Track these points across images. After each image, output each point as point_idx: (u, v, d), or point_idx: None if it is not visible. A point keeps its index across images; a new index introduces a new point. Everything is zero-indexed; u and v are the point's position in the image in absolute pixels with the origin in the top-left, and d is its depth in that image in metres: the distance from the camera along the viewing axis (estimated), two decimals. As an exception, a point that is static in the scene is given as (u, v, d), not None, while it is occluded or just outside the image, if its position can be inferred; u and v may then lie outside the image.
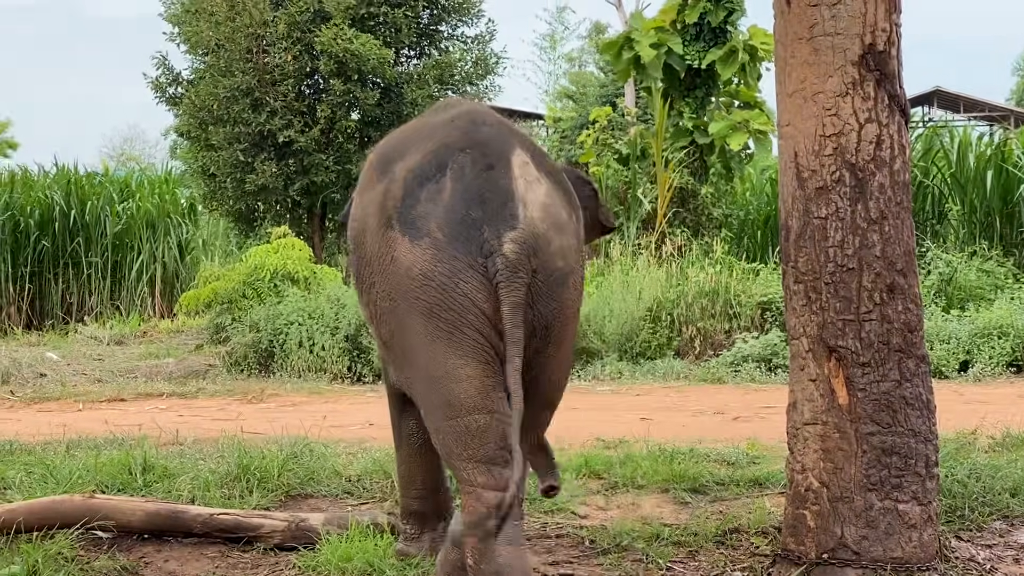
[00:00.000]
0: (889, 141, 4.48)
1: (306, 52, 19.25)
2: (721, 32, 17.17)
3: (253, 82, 19.00)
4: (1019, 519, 5.46)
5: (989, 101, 44.58)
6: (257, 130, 19.00)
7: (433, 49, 20.93)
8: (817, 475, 4.48)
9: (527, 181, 4.13)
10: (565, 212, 4.21)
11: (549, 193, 4.17)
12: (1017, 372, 12.45)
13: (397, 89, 19.71)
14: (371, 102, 19.09)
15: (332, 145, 19.38)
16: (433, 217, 4.10)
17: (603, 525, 5.58)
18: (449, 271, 4.04)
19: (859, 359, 4.43)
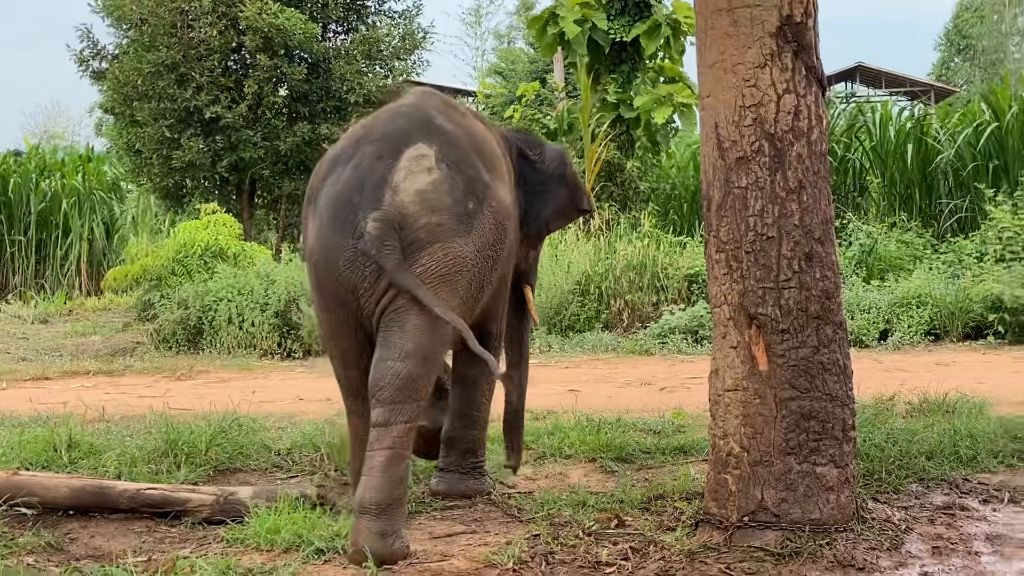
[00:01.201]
0: (807, 112, 4.56)
1: (232, 27, 19.06)
2: (645, 6, 17.23)
3: (178, 57, 18.78)
4: (934, 481, 5.59)
5: (910, 76, 45.10)
6: (183, 106, 18.80)
7: (360, 24, 20.80)
8: (738, 440, 4.57)
9: (410, 171, 4.81)
10: (451, 198, 4.83)
11: (435, 182, 4.82)
12: (935, 340, 12.68)
13: (325, 64, 19.58)
14: (299, 77, 18.96)
15: (260, 121, 19.23)
16: (325, 199, 4.90)
17: (531, 493, 5.64)
18: (327, 248, 4.83)
19: (778, 326, 4.52)
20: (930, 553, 4.49)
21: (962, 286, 13.12)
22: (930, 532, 4.75)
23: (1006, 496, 5.36)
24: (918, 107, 22.41)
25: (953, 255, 14.77)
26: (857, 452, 4.96)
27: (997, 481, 5.66)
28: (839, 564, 4.27)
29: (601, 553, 4.48)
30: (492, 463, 6.01)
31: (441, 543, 4.81)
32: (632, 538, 4.69)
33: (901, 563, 4.35)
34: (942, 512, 5.08)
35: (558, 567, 4.36)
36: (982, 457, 6.01)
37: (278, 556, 4.55)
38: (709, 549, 4.46)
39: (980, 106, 18.27)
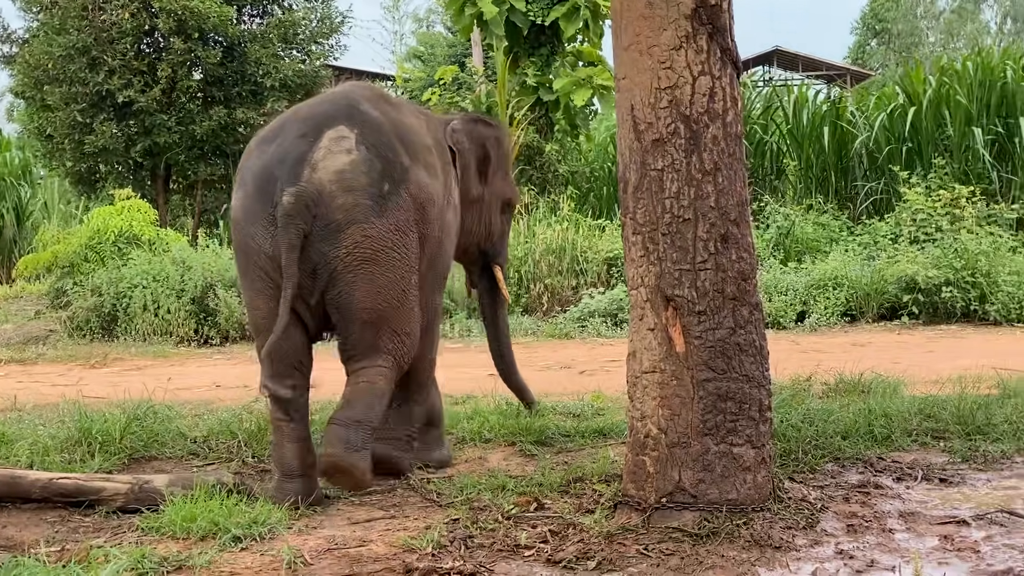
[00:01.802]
0: (722, 93, 4.57)
1: (144, 9, 18.80)
2: (565, -12, 17.23)
3: (89, 40, 18.49)
4: (849, 460, 5.66)
5: (827, 60, 45.57)
6: (95, 90, 18.51)
7: (276, 7, 20.62)
8: (656, 422, 4.58)
9: (330, 151, 5.12)
10: (368, 179, 5.11)
11: (353, 163, 5.12)
12: (851, 321, 12.84)
13: (240, 48, 19.39)
14: (213, 61, 18.75)
15: (174, 105, 18.98)
16: (250, 173, 5.22)
17: (450, 478, 5.63)
18: (248, 218, 5.14)
19: (695, 308, 4.53)
20: (845, 531, 4.54)
21: (877, 267, 13.30)
22: (845, 510, 4.80)
23: (919, 474, 5.44)
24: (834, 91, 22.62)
25: (868, 237, 14.96)
26: (774, 432, 5.00)
27: (911, 459, 5.74)
28: (756, 543, 4.30)
29: (520, 536, 4.47)
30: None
31: (360, 528, 4.78)
32: (551, 521, 4.69)
33: (816, 541, 4.39)
34: (857, 490, 5.13)
35: (477, 551, 4.34)
36: (896, 436, 6.09)
37: (194, 544, 4.49)
38: (627, 531, 4.47)
39: (895, 90, 18.49)
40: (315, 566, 4.24)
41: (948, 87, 16.86)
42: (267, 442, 5.94)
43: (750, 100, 19.27)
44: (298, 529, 4.71)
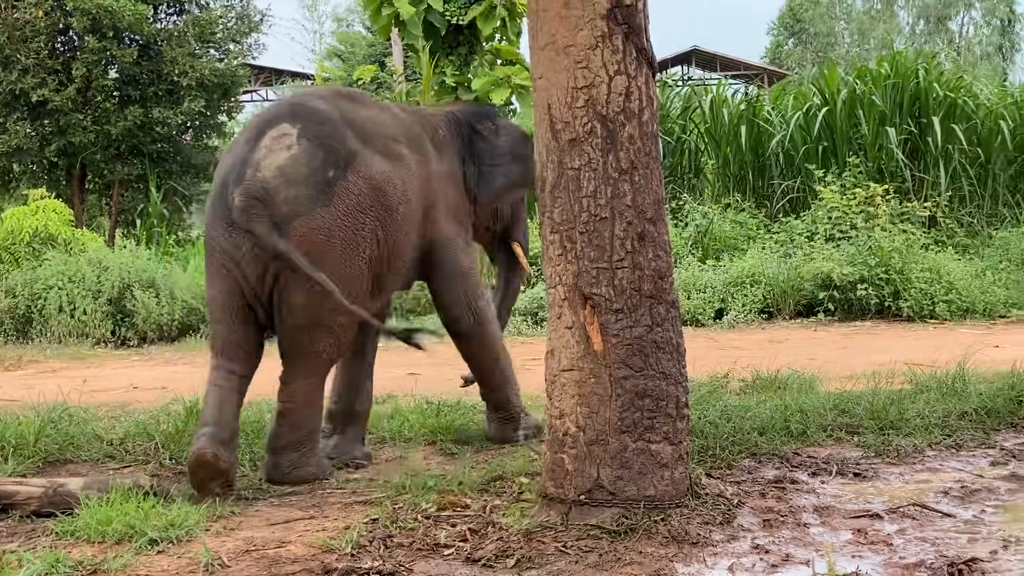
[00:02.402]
0: (638, 93, 4.60)
1: (58, 8, 18.56)
2: (482, -12, 17.21)
3: (2, 39, 18.23)
4: (766, 456, 5.73)
5: (744, 60, 45.98)
6: (8, 89, 18.25)
7: (194, 5, 20.43)
8: (574, 420, 4.60)
9: (271, 150, 5.36)
10: (309, 169, 5.34)
11: (294, 157, 5.34)
12: (768, 318, 12.99)
13: (156, 47, 19.20)
14: (129, 60, 18.55)
15: (90, 104, 18.76)
16: (214, 180, 5.61)
17: (371, 478, 5.62)
18: (210, 221, 5.47)
19: (612, 306, 4.55)
20: (761, 526, 4.59)
21: (794, 265, 13.47)
22: (761, 505, 4.86)
23: (834, 468, 5.52)
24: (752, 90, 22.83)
25: (785, 235, 15.13)
26: (691, 429, 5.05)
27: (825, 454, 5.83)
28: (673, 539, 4.33)
29: (440, 535, 4.47)
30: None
31: (279, 529, 4.75)
32: (471, 519, 4.69)
33: (733, 536, 4.44)
34: (773, 486, 5.20)
35: (396, 550, 4.34)
36: (812, 431, 6.18)
37: (110, 547, 4.44)
38: (546, 528, 4.48)
39: (811, 90, 18.71)
40: (233, 568, 4.21)
41: (862, 87, 17.09)
42: (185, 443, 5.89)
43: (669, 100, 19.40)
44: (216, 531, 4.67)
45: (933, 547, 4.30)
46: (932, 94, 16.49)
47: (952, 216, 15.74)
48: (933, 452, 5.91)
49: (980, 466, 5.65)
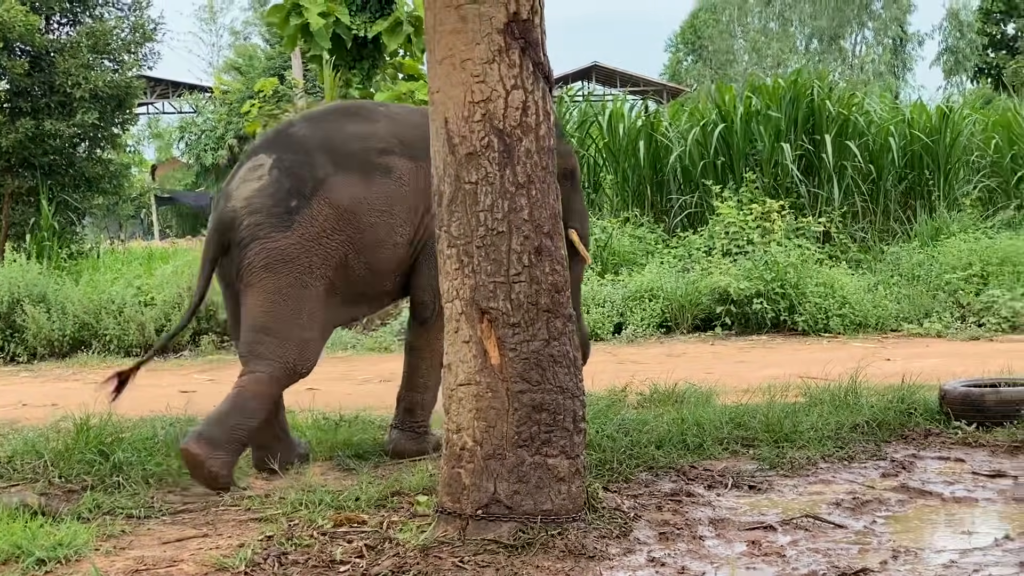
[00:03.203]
0: (535, 107, 4.61)
1: (-54, 17, 18.18)
2: (387, 3, 17.12)
3: None
4: (663, 469, 5.76)
5: (644, 76, 46.48)
6: None
7: (87, 16, 20.12)
8: (471, 434, 4.59)
9: (244, 180, 5.87)
10: (272, 200, 5.76)
11: (261, 188, 5.80)
12: (667, 332, 13.08)
13: (48, 58, 18.86)
14: (20, 71, 18.20)
15: (-21, 117, 18.39)
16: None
17: (267, 494, 5.55)
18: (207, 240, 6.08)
19: (509, 320, 4.55)
20: (657, 539, 4.62)
21: (691, 279, 13.58)
22: (658, 518, 4.89)
23: (729, 481, 5.57)
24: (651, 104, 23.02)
25: (683, 249, 15.25)
26: (589, 443, 5.07)
27: (721, 467, 5.88)
28: (570, 553, 4.34)
29: (335, 552, 4.43)
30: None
31: (171, 548, 4.69)
32: (367, 535, 4.66)
33: (629, 549, 4.46)
34: (670, 499, 5.23)
35: (291, 568, 4.29)
36: (708, 444, 6.23)
37: (-5, 569, 4.35)
38: (443, 543, 4.46)
39: (708, 106, 18.91)
40: (123, 588, 4.14)
41: (758, 104, 17.31)
42: (75, 462, 5.79)
43: (568, 114, 19.47)
44: (106, 551, 4.59)
45: (825, 558, 4.35)
46: (825, 111, 16.75)
47: (845, 231, 15.98)
48: (826, 464, 6.00)
49: (871, 477, 5.74)
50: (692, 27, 56.86)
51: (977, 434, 6.45)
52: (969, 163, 17.07)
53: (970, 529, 4.88)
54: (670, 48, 59.49)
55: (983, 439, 6.40)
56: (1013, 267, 13.23)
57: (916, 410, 6.91)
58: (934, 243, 14.75)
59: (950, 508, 5.24)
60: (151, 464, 5.83)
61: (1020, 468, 5.87)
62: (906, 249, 14.93)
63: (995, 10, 47.05)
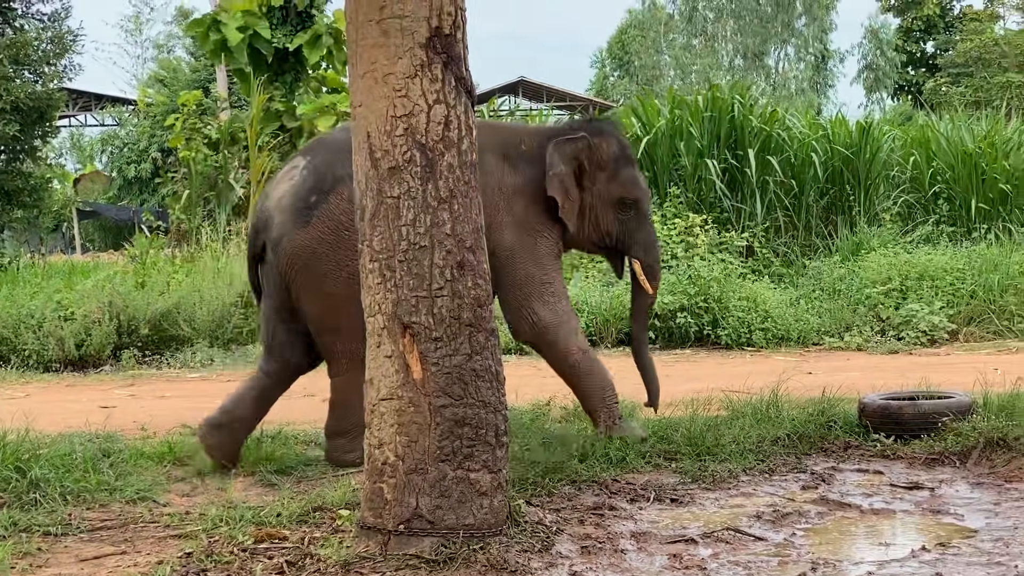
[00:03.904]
0: (457, 122, 4.62)
1: None
2: (307, 16, 17.08)
3: None
4: (586, 483, 5.78)
5: (571, 91, 46.67)
6: None
7: (7, 27, 19.87)
8: (393, 449, 4.59)
9: (279, 182, 6.28)
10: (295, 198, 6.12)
11: (291, 188, 6.16)
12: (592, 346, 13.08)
13: (-34, 70, 18.62)
14: (-65, 84, 17.97)
15: None
16: None
17: (187, 511, 5.50)
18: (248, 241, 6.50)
19: (432, 334, 4.56)
20: (579, 553, 4.63)
21: (616, 293, 13.62)
22: (580, 532, 4.91)
23: (652, 495, 5.61)
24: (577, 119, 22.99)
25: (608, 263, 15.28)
26: (512, 457, 5.07)
27: (644, 480, 5.91)
28: (492, 567, 4.35)
29: (256, 568, 4.40)
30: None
31: (88, 566, 4.63)
32: (288, 551, 4.63)
33: (551, 564, 4.47)
34: (592, 512, 5.25)
35: (211, 585, 4.26)
36: (631, 458, 6.25)
37: None
38: (365, 559, 4.45)
39: (632, 120, 18.99)
40: (39, 607, 4.08)
41: (682, 119, 17.41)
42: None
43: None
44: (21, 568, 4.52)
45: (745, 570, 4.40)
46: (748, 127, 16.89)
47: (768, 246, 16.10)
48: (747, 477, 6.05)
49: (792, 490, 5.81)
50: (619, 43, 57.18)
51: (895, 447, 6.54)
52: (889, 178, 17.28)
53: (888, 541, 4.95)
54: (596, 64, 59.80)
55: (901, 451, 6.49)
56: (932, 282, 13.41)
57: (836, 423, 6.99)
58: (855, 258, 14.91)
59: (868, 520, 5.32)
60: (69, 481, 5.75)
61: (936, 480, 5.97)
62: (827, 264, 15.08)
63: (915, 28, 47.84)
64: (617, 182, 6.79)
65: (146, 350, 12.39)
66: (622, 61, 56.73)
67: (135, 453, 6.52)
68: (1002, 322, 12.80)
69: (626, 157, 6.87)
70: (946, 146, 17.05)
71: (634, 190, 6.83)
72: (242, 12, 17.03)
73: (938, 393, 7.03)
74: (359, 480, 5.63)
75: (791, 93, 48.05)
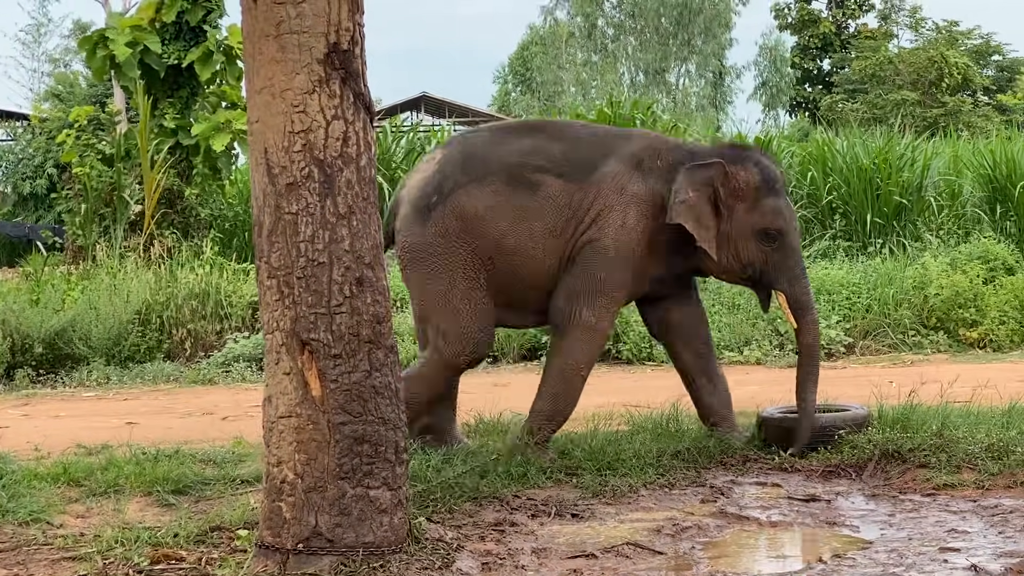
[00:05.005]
0: (355, 138, 4.61)
1: None
2: (200, 31, 16.86)
3: None
4: (487, 499, 5.76)
5: (472, 107, 46.71)
6: None
7: None
8: (292, 467, 4.55)
9: (415, 172, 6.67)
10: (420, 192, 6.40)
11: (420, 182, 6.45)
12: (494, 362, 13.06)
13: None
14: None
15: None
16: None
17: (81, 533, 5.40)
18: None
19: (331, 351, 4.53)
20: (480, 569, 4.63)
21: (518, 310, 13.64)
22: (480, 549, 4.90)
23: (552, 510, 5.61)
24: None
25: (510, 279, 15.33)
26: (412, 474, 5.05)
27: (545, 496, 5.91)
28: (392, 585, 4.33)
29: (151, 590, 4.34)
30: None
31: (-24, 591, 4.53)
32: (185, 572, 4.58)
33: (452, 581, 4.46)
34: (493, 528, 5.24)
35: (105, 608, 4.18)
36: (532, 473, 6.25)
37: None
38: (263, 579, 4.41)
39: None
40: (-76, 635, 3.98)
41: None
42: None
43: (394, 145, 19.43)
44: (-95, 595, 4.42)
45: (644, 584, 4.41)
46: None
47: (668, 261, 16.25)
48: (647, 491, 6.07)
49: (691, 504, 5.85)
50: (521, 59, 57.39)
51: (793, 459, 6.61)
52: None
53: (785, 553, 5.03)
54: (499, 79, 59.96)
55: (798, 464, 6.55)
56: (828, 296, 13.59)
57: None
58: (754, 273, 15.09)
59: (767, 532, 5.38)
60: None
61: (833, 492, 6.05)
62: (727, 278, 15.23)
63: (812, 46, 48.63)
64: (758, 212, 6.59)
65: (40, 369, 12.14)
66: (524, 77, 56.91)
67: (28, 474, 6.37)
68: (897, 335, 13.00)
69: (769, 186, 6.65)
70: (842, 162, 17.32)
71: (777, 220, 6.61)
72: (131, 27, 16.75)
73: (835, 406, 7.12)
74: (258, 499, 5.57)
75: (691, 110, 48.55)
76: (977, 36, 42.66)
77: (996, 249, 14.28)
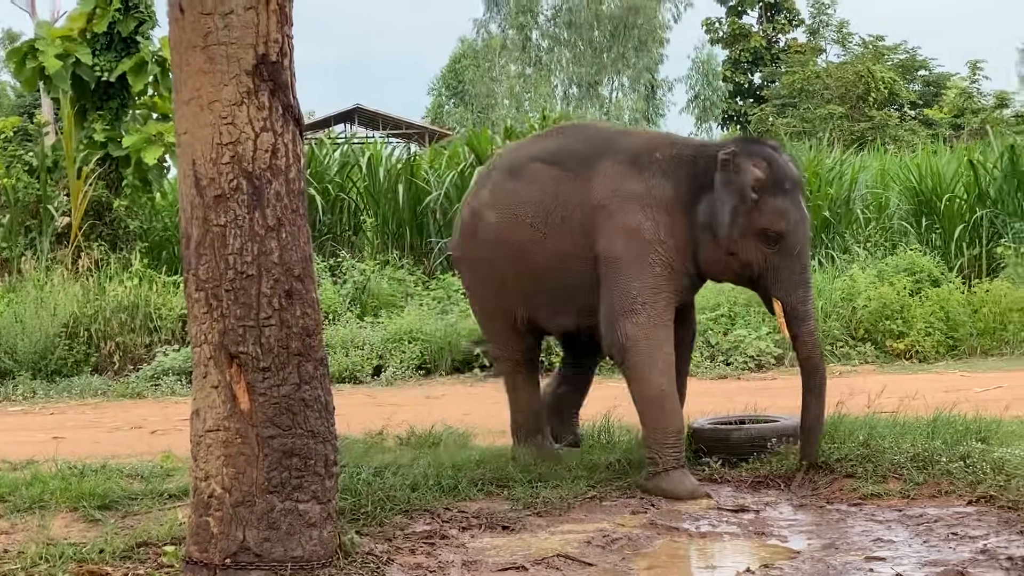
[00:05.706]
0: (284, 150, 4.59)
1: None
2: (132, 42, 16.68)
3: None
4: (418, 512, 5.75)
5: (406, 119, 46.61)
6: None
7: None
8: (220, 481, 4.51)
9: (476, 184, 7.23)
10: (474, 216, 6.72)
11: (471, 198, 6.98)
12: (426, 374, 13.08)
13: None
14: None
15: None
16: None
17: (5, 549, 5.32)
18: None
19: (260, 364, 4.51)
20: (409, 582, 4.61)
21: (450, 321, 13.64)
22: (411, 562, 4.89)
23: (483, 522, 5.61)
24: (413, 148, 23.05)
25: (443, 291, 15.30)
26: (343, 487, 5.03)
27: (476, 508, 5.91)
28: (321, 600, 4.30)
29: (76, 607, 4.28)
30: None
31: None
32: (112, 589, 4.52)
33: (381, 594, 4.44)
34: (423, 541, 5.23)
35: (28, 626, 4.12)
36: (463, 486, 6.24)
37: None
38: (190, 594, 4.37)
39: (465, 149, 19.07)
40: None
41: (516, 148, 17.51)
42: None
43: (327, 157, 19.36)
44: None
45: (575, 597, 4.42)
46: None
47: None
48: (579, 503, 6.08)
49: (622, 515, 5.86)
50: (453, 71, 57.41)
51: (723, 470, 6.64)
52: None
53: (715, 563, 5.05)
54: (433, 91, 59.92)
55: (728, 475, 6.60)
56: (758, 308, 13.71)
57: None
58: (685, 285, 15.17)
59: (697, 543, 5.41)
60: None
61: (762, 502, 6.09)
62: (658, 291, 15.30)
63: (743, 60, 49.04)
64: (759, 211, 6.19)
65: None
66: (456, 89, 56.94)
67: (-49, 491, 6.28)
68: (825, 347, 13.13)
69: (777, 184, 6.24)
70: (772, 175, 17.46)
71: (778, 222, 6.19)
72: (62, 38, 16.54)
73: (764, 417, 7.18)
74: (186, 514, 5.52)
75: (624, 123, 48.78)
76: (903, 51, 43.16)
77: (922, 261, 14.48)
